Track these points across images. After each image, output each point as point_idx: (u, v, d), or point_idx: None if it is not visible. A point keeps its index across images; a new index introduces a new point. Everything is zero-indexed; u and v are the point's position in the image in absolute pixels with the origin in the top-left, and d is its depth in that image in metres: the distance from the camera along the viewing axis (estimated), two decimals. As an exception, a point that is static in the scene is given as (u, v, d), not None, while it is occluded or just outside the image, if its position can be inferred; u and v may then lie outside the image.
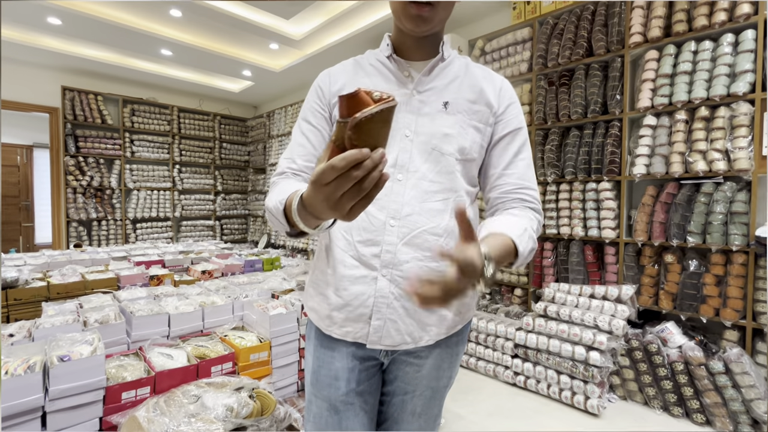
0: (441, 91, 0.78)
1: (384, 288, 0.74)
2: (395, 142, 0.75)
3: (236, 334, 1.65)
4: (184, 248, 3.57)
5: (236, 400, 1.18)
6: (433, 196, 0.75)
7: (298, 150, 0.79)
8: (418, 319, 0.76)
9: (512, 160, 0.79)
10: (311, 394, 0.82)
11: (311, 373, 0.82)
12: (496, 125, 0.81)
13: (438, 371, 0.83)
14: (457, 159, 0.77)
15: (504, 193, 0.78)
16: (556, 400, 2.20)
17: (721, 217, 2.10)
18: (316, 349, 0.82)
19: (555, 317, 2.32)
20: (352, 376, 0.79)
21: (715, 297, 2.14)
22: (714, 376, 1.93)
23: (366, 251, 0.74)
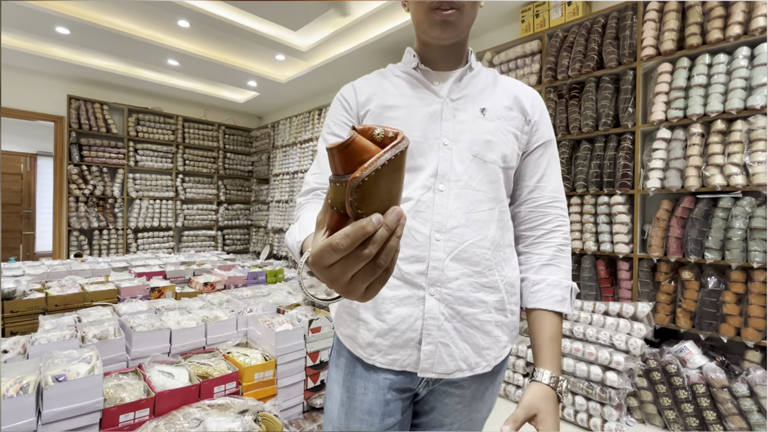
0: (475, 98, 0.74)
1: (433, 308, 0.68)
2: (433, 152, 0.71)
3: (240, 351, 1.58)
4: (185, 259, 3.50)
5: (241, 425, 1.11)
6: (478, 206, 0.71)
7: (325, 162, 0.74)
8: (472, 342, 0.69)
9: (545, 172, 0.77)
10: (337, 430, 0.75)
11: (338, 406, 0.74)
12: (531, 135, 0.78)
13: (480, 402, 0.76)
14: (501, 167, 0.73)
15: (538, 207, 0.77)
16: (572, 423, 2.10)
17: (740, 233, 2.04)
18: (347, 379, 0.74)
19: (569, 335, 2.24)
20: (387, 410, 0.72)
21: (735, 316, 2.06)
22: (738, 399, 1.84)
23: (410, 269, 0.69)
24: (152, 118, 5.15)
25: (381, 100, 0.74)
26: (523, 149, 0.77)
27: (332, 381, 0.77)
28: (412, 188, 0.70)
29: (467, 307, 0.69)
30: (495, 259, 0.71)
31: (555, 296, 0.72)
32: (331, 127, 0.76)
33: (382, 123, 0.71)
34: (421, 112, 0.71)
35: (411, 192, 0.69)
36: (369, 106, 0.74)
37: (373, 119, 0.73)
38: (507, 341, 0.74)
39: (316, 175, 0.73)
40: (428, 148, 0.70)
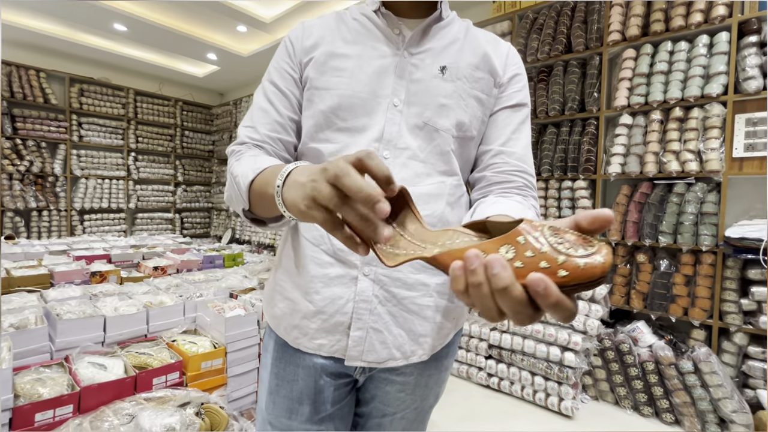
0: (438, 53, 0.64)
1: (366, 290, 0.60)
2: (380, 111, 0.61)
3: (187, 338, 1.45)
4: (137, 242, 3.26)
5: (179, 419, 1.01)
6: (426, 179, 0.62)
7: (261, 117, 0.65)
8: (408, 328, 0.62)
9: (512, 136, 0.66)
10: (265, 422, 0.67)
11: (267, 394, 0.67)
12: (499, 97, 0.67)
13: (425, 389, 0.70)
14: (454, 136, 0.64)
15: (501, 173, 0.64)
16: (530, 402, 2.15)
17: (692, 217, 2.12)
18: (275, 365, 0.66)
19: (530, 317, 2.26)
20: (320, 398, 0.64)
21: (684, 296, 2.16)
22: (683, 375, 1.94)
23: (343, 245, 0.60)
24: (99, 89, 4.71)
25: (329, 47, 0.63)
26: (490, 113, 0.68)
27: (262, 367, 0.70)
28: (352, 152, 0.59)
29: (405, 290, 0.61)
30: None
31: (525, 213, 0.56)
32: (272, 75, 0.66)
33: (325, 74, 0.62)
34: (373, 64, 0.62)
35: None
36: (314, 53, 0.64)
37: (316, 69, 0.63)
38: (451, 327, 0.68)
39: (248, 128, 0.64)
40: (376, 107, 0.61)
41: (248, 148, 0.63)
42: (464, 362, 2.44)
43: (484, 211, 0.55)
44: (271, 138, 0.64)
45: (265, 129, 0.64)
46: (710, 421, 1.88)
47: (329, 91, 0.61)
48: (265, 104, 0.65)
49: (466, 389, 2.30)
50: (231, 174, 0.58)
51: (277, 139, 0.64)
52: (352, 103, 0.61)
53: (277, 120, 0.64)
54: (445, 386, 0.75)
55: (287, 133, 0.65)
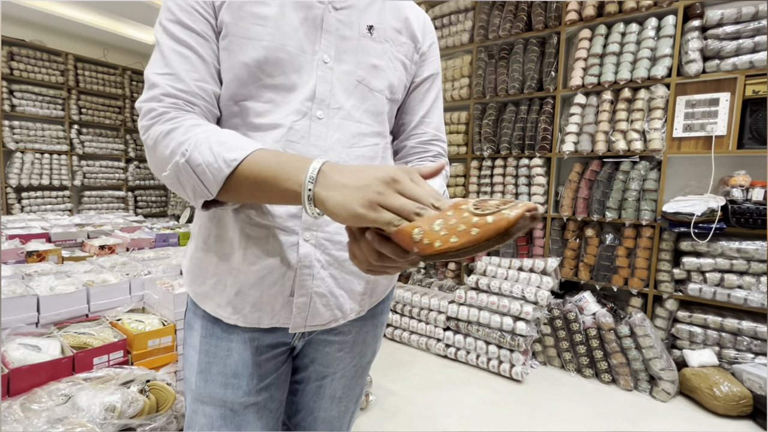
0: (362, 11, 0.62)
1: (309, 255, 0.59)
2: (310, 68, 0.58)
3: (133, 317, 1.39)
4: (81, 221, 3.05)
5: (120, 398, 0.97)
6: (361, 141, 0.61)
7: (182, 63, 0.53)
8: (349, 288, 0.63)
9: (432, 106, 0.73)
10: (196, 401, 0.64)
11: (197, 373, 0.63)
12: (420, 65, 0.70)
13: (363, 346, 0.71)
14: (387, 98, 0.64)
15: (422, 143, 0.72)
16: (484, 369, 2.26)
17: (635, 193, 2.26)
18: (204, 342, 0.63)
19: (486, 290, 2.36)
20: (257, 370, 0.63)
21: (625, 268, 2.32)
22: (621, 339, 2.10)
23: (281, 211, 0.57)
24: (32, 53, 4.25)
25: None
26: (411, 81, 0.70)
27: (188, 346, 0.66)
28: (284, 112, 0.57)
29: (345, 252, 0.62)
30: None
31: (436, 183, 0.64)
32: (176, 14, 0.54)
33: (244, 19, 0.55)
34: (298, 15, 0.58)
35: (282, 117, 0.57)
36: None
37: (232, 13, 0.55)
38: (387, 285, 0.70)
39: (168, 76, 0.52)
40: (305, 63, 0.58)
41: (179, 111, 0.53)
42: (423, 334, 2.52)
43: None
44: (203, 90, 0.54)
45: (192, 78, 0.53)
46: (642, 379, 2.07)
47: (251, 42, 0.55)
48: (180, 48, 0.53)
49: (425, 360, 2.39)
50: (176, 151, 0.49)
51: (210, 92, 0.55)
52: (279, 57, 0.56)
53: (204, 68, 0.54)
54: (381, 343, 0.77)
55: (216, 83, 0.56)
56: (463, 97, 2.89)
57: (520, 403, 1.94)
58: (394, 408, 1.86)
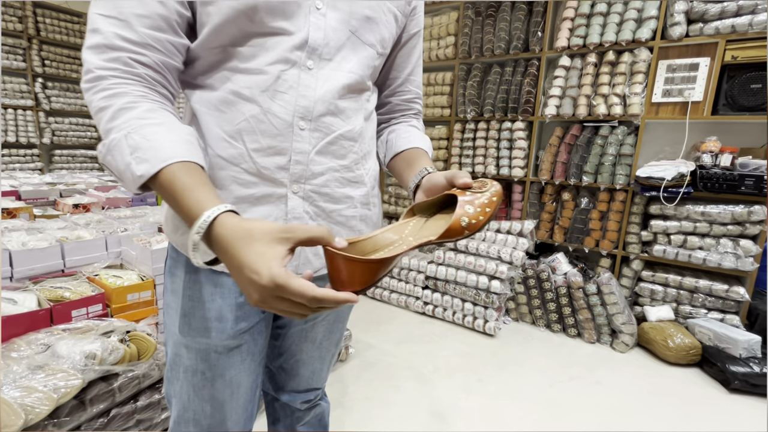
0: None
1: (297, 207, 0.60)
2: (302, 16, 0.56)
3: (111, 273, 1.40)
4: (53, 180, 2.95)
5: (100, 346, 1.00)
6: (348, 92, 0.61)
7: (135, 6, 0.48)
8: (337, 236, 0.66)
9: (416, 64, 0.75)
10: (180, 346, 0.64)
11: (180, 317, 0.64)
12: (410, 19, 0.69)
13: None
14: (378, 53, 0.64)
15: (406, 101, 0.76)
16: (460, 325, 2.38)
17: (611, 158, 2.30)
18: (188, 287, 0.63)
19: (464, 250, 2.43)
20: (242, 313, 0.64)
21: (597, 230, 2.41)
22: (588, 296, 2.23)
23: (268, 163, 0.57)
24: (-16, -4, 3.89)
25: None
26: (399, 35, 0.69)
27: (169, 293, 0.66)
28: (269, 58, 0.55)
29: (333, 204, 0.63)
30: (361, 152, 0.65)
31: (426, 142, 0.71)
32: None
33: None
34: None
35: (268, 65, 0.55)
36: None
37: None
38: (367, 232, 0.73)
39: (116, 23, 0.47)
40: (296, 9, 0.55)
41: (116, 79, 0.47)
42: (403, 293, 2.60)
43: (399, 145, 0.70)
44: (157, 41, 0.49)
45: (144, 25, 0.48)
46: (604, 333, 2.22)
47: None
48: None
49: (404, 317, 2.49)
50: (102, 136, 0.47)
51: (166, 42, 0.50)
52: (269, 2, 0.53)
53: (161, 13, 0.49)
54: None
55: (176, 32, 0.52)
56: (449, 56, 2.81)
57: (491, 355, 2.06)
58: (373, 359, 1.96)
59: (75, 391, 0.91)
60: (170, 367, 0.67)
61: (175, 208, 0.47)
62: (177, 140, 0.48)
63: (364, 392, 1.69)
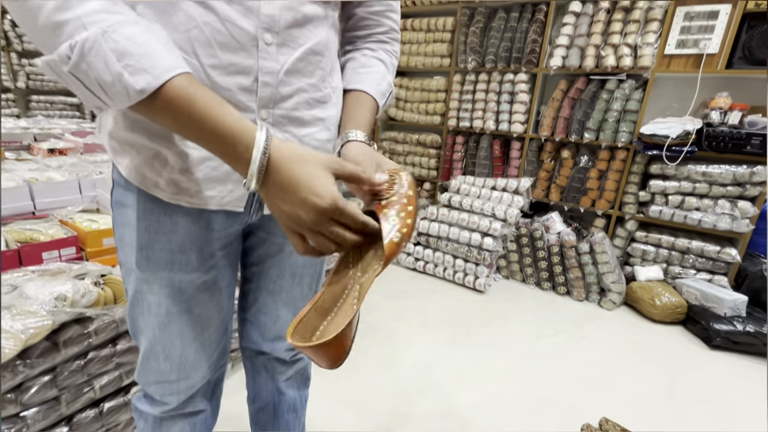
0: None
1: None
2: None
3: (86, 217, 1.33)
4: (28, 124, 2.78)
5: (71, 288, 0.95)
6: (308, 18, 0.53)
7: None
8: None
9: None
10: (140, 282, 0.58)
11: (137, 251, 0.56)
12: None
13: None
14: None
15: (374, 14, 0.64)
16: (450, 281, 2.38)
17: (615, 114, 2.20)
18: (144, 217, 0.55)
19: (458, 207, 2.38)
20: (206, 245, 0.58)
21: (594, 190, 2.36)
22: (580, 255, 2.21)
23: (230, 83, 0.48)
24: None
25: None
26: None
27: (121, 226, 0.58)
28: None
29: (304, 128, 0.57)
30: (327, 67, 0.58)
31: (380, 85, 0.64)
32: None
33: None
34: None
35: None
36: None
37: None
38: None
39: None
40: None
41: None
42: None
43: (347, 80, 0.63)
44: None
45: None
46: (593, 291, 2.23)
47: None
48: None
49: (395, 272, 2.48)
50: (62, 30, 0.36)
51: None
52: None
53: None
54: None
55: None
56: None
57: (480, 310, 2.08)
58: (361, 312, 1.96)
59: (45, 332, 0.87)
60: (132, 304, 0.61)
61: (193, 130, 0.40)
62: (167, 44, 0.41)
63: (353, 342, 1.70)
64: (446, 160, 2.86)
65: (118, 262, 0.61)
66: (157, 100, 0.38)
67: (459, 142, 2.79)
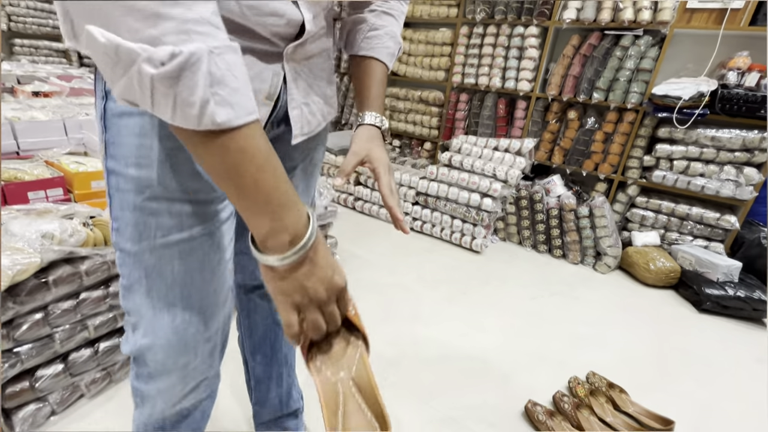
0: None
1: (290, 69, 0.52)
2: None
3: (73, 159, 1.27)
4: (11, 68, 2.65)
5: (59, 226, 0.92)
6: None
7: None
8: (323, 93, 0.60)
9: None
10: (158, 200, 0.49)
11: (158, 163, 0.48)
12: None
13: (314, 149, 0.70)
14: None
15: None
16: (447, 242, 2.38)
17: (628, 73, 2.11)
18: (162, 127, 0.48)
19: (458, 167, 2.33)
20: None
21: (599, 153, 2.30)
22: (579, 219, 2.20)
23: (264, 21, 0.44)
24: None
25: None
26: None
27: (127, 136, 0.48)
28: None
29: (316, 58, 0.56)
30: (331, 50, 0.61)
31: (389, 48, 0.65)
32: None
33: None
34: None
35: None
36: None
37: None
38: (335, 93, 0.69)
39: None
40: None
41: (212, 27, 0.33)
42: (393, 209, 2.55)
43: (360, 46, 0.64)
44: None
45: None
46: (589, 255, 2.24)
47: None
48: None
49: (392, 232, 2.46)
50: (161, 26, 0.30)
51: None
52: None
53: None
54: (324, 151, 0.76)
55: None
56: (462, -60, 2.41)
57: (476, 270, 2.08)
58: (357, 266, 1.96)
59: (33, 269, 0.85)
60: (136, 238, 0.51)
61: (244, 177, 0.36)
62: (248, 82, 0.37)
63: (348, 296, 1.71)
64: (448, 119, 2.77)
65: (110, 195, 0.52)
66: (223, 137, 0.34)
67: (463, 100, 2.69)
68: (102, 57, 0.31)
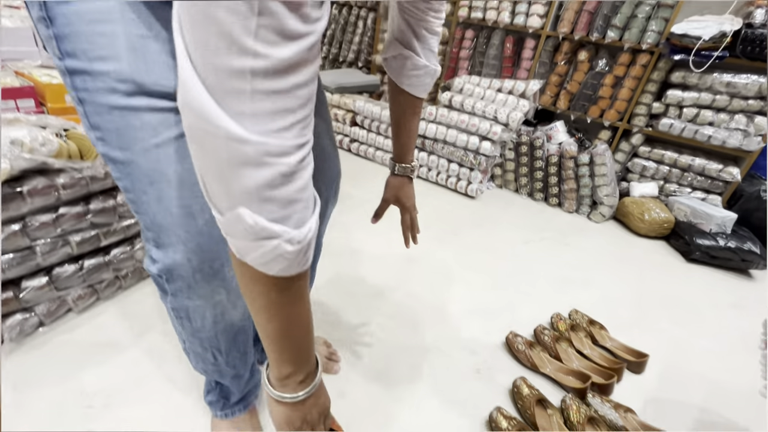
0: None
1: None
2: None
3: (45, 71, 1.19)
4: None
5: (28, 134, 0.87)
6: None
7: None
8: None
9: None
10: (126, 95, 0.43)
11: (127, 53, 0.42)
12: None
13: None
14: None
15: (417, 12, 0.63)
16: (443, 186, 2.34)
17: (647, 9, 1.96)
18: (131, 9, 0.42)
19: (459, 108, 2.23)
20: None
21: (606, 98, 2.20)
22: (579, 167, 2.15)
23: None
24: None
25: None
26: None
27: (90, 23, 0.41)
28: None
29: None
30: None
31: (427, 85, 0.72)
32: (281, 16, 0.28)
33: None
34: None
35: None
36: None
37: None
38: None
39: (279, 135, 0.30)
40: None
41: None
42: (388, 150, 2.49)
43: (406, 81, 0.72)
44: None
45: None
46: (585, 204, 2.22)
47: None
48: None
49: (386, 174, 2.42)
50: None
51: None
52: None
53: None
54: None
55: None
56: None
57: (470, 213, 2.07)
58: (350, 205, 1.94)
59: (2, 176, 0.82)
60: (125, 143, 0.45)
61: (277, 322, 0.40)
62: None
63: (337, 232, 1.70)
64: (452, 58, 2.62)
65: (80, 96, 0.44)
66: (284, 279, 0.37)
67: (468, 38, 2.52)
68: (242, 233, 0.33)
